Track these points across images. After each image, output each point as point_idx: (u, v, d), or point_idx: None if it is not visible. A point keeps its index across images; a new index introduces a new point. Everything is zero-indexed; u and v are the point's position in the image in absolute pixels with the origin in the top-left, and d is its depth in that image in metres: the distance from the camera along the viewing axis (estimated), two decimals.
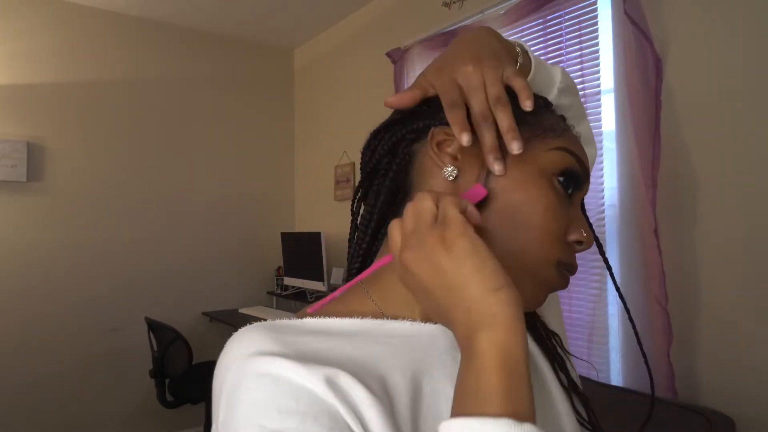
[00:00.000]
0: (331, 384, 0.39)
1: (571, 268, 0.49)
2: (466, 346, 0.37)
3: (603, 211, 1.76)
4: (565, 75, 0.55)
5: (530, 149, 0.47)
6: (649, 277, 1.58)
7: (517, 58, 0.51)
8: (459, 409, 0.36)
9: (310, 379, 0.39)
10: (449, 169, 0.47)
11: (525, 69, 0.51)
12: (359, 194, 0.56)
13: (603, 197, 1.76)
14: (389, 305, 0.49)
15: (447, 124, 0.48)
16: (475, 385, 0.35)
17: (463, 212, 0.41)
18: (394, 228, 0.43)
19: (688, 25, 1.57)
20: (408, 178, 0.51)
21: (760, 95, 1.42)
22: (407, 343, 0.46)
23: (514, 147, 0.44)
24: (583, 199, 0.54)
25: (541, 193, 0.46)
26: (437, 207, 0.41)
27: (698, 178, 1.54)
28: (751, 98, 1.44)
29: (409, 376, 0.44)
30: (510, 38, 0.54)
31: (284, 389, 0.38)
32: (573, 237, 0.48)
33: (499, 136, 0.45)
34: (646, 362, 0.56)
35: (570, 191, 0.48)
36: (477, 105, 0.45)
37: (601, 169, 1.75)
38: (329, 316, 0.47)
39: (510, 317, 0.36)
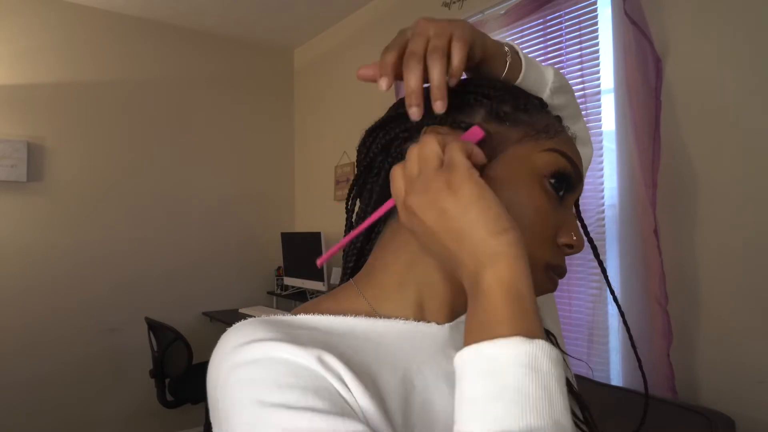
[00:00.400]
0: (323, 362, 0.39)
1: (560, 271, 0.48)
2: (472, 286, 0.38)
3: (603, 211, 1.76)
4: (558, 74, 0.54)
5: (522, 150, 0.47)
6: (649, 277, 1.58)
7: (506, 57, 0.50)
8: (471, 340, 0.36)
9: (306, 357, 0.39)
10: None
11: (515, 69, 0.51)
12: (353, 192, 0.55)
13: (603, 197, 1.76)
14: (382, 304, 0.49)
15: (444, 124, 0.48)
16: (483, 317, 0.36)
17: (469, 156, 0.41)
18: (397, 173, 0.43)
19: (688, 25, 1.57)
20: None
21: (760, 95, 1.42)
22: (399, 342, 0.46)
23: (438, 106, 0.43)
24: (577, 202, 0.54)
25: (532, 193, 0.46)
26: (443, 151, 0.41)
27: (698, 178, 1.54)
28: (751, 98, 1.44)
29: (401, 375, 0.43)
30: (507, 39, 0.54)
31: (282, 368, 0.38)
32: (563, 240, 0.47)
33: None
34: (640, 366, 0.55)
35: (561, 193, 0.48)
36: (412, 45, 0.44)
37: (601, 169, 1.75)
38: (322, 314, 0.47)
39: (514, 256, 0.37)
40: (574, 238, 0.47)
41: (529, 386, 0.33)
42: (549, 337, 0.58)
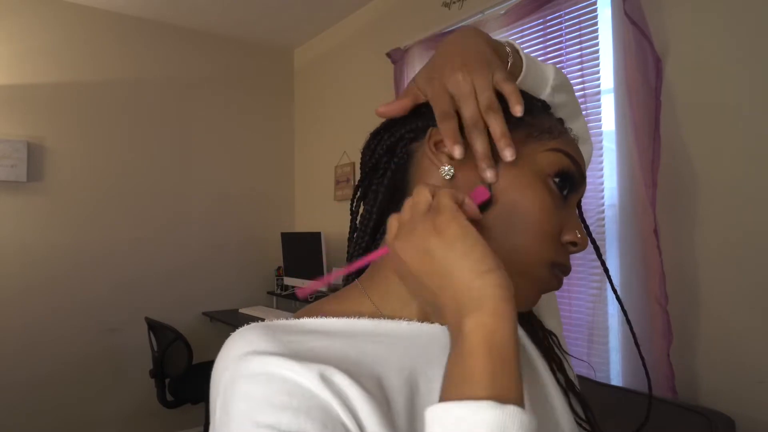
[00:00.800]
0: (326, 380, 0.39)
1: (565, 269, 0.49)
2: (454, 331, 0.38)
3: (603, 211, 1.76)
4: (558, 72, 0.55)
5: (526, 150, 0.47)
6: (649, 277, 1.58)
7: (507, 58, 0.51)
8: (444, 394, 0.36)
9: (304, 375, 0.39)
10: (446, 168, 0.48)
11: (516, 68, 0.51)
12: (358, 194, 0.56)
13: (603, 197, 1.76)
14: (386, 305, 0.49)
15: None
16: (461, 369, 0.36)
17: (460, 204, 0.41)
18: (392, 221, 0.44)
19: (688, 25, 1.57)
20: (406, 178, 0.52)
21: (760, 95, 1.42)
22: (404, 343, 0.46)
23: (507, 154, 0.44)
24: (580, 201, 0.54)
25: (536, 193, 0.46)
26: (433, 198, 0.42)
27: (698, 178, 1.54)
28: (751, 98, 1.44)
29: (405, 376, 0.44)
30: (505, 38, 0.54)
31: (277, 386, 0.38)
32: (567, 238, 0.48)
33: (492, 143, 0.45)
34: (643, 364, 0.56)
35: (565, 192, 0.48)
36: (468, 113, 0.45)
37: (601, 169, 1.75)
38: (326, 316, 0.47)
39: (497, 299, 0.36)
40: (579, 236, 0.48)
41: None
42: (550, 337, 0.58)
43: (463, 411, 0.33)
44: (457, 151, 0.44)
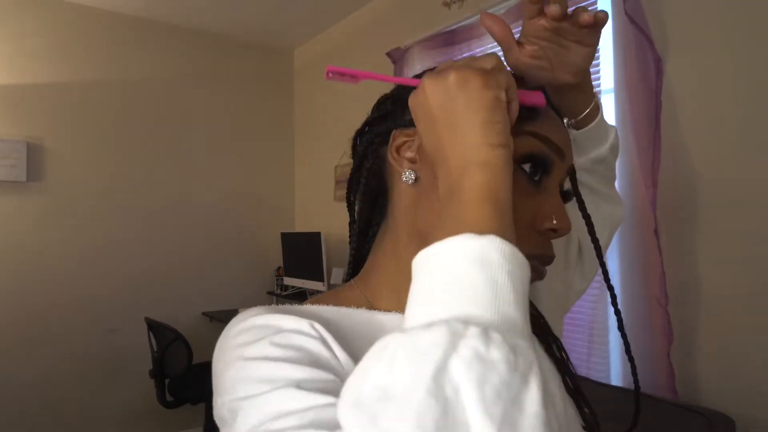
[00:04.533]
0: (314, 328, 0.41)
1: (545, 260, 0.47)
2: (450, 186, 0.38)
3: None
4: (617, 136, 0.62)
5: None
6: (649, 277, 1.58)
7: (592, 99, 0.57)
8: (437, 238, 0.35)
9: (296, 322, 0.41)
10: (407, 173, 0.48)
11: (590, 117, 0.57)
12: (351, 197, 0.57)
13: None
14: (380, 300, 0.50)
15: (408, 125, 0.49)
16: (455, 213, 0.36)
17: (507, 91, 0.41)
18: (448, 62, 0.43)
19: (688, 25, 1.57)
20: (382, 181, 0.52)
21: (760, 95, 1.42)
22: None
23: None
24: (575, 174, 0.53)
25: None
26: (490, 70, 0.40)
27: (698, 178, 1.54)
28: (751, 98, 1.44)
29: None
30: None
31: (270, 330, 0.41)
32: (544, 225, 0.46)
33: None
34: (632, 363, 0.55)
35: (537, 178, 0.46)
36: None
37: None
38: (325, 305, 0.48)
39: (500, 168, 0.37)
40: (555, 221, 0.46)
41: (473, 278, 0.31)
42: (555, 343, 0.57)
43: (443, 246, 0.33)
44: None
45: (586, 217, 0.55)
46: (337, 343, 0.41)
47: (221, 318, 3.00)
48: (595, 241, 0.55)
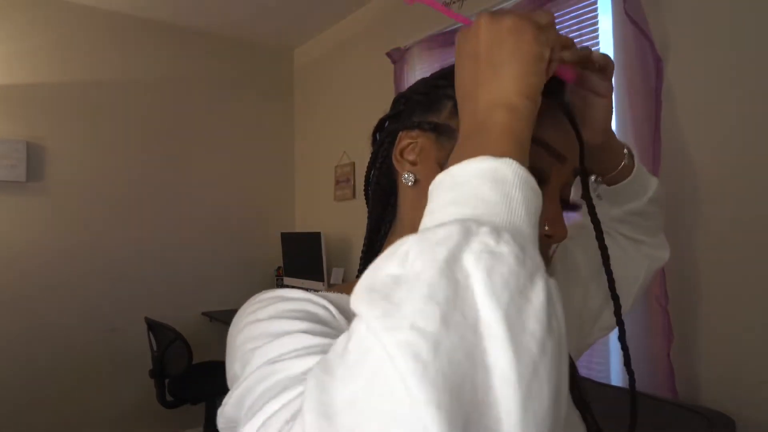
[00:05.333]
0: (322, 301, 0.43)
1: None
2: (474, 122, 0.39)
3: None
4: (660, 187, 0.63)
5: None
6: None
7: (622, 157, 0.59)
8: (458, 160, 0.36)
9: (308, 296, 0.43)
10: (406, 175, 0.49)
11: (626, 169, 0.58)
12: (368, 192, 0.58)
13: None
14: None
15: (413, 128, 0.49)
16: (476, 144, 0.36)
17: (555, 50, 0.42)
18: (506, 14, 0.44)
19: (688, 25, 1.57)
20: (392, 181, 0.53)
21: (760, 95, 1.42)
22: None
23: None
24: (587, 183, 0.52)
25: None
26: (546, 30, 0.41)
27: (698, 178, 1.54)
28: (751, 97, 1.44)
29: None
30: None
31: (281, 301, 0.43)
32: (539, 233, 0.46)
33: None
34: (628, 363, 0.54)
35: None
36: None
37: None
38: (335, 293, 0.50)
39: (525, 115, 0.38)
40: (547, 228, 0.46)
41: (486, 193, 0.32)
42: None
43: (460, 167, 0.34)
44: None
45: (595, 222, 0.53)
46: (342, 316, 0.42)
47: (221, 318, 3.00)
48: (603, 248, 0.54)
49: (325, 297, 0.46)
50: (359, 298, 0.29)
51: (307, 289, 0.50)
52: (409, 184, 0.49)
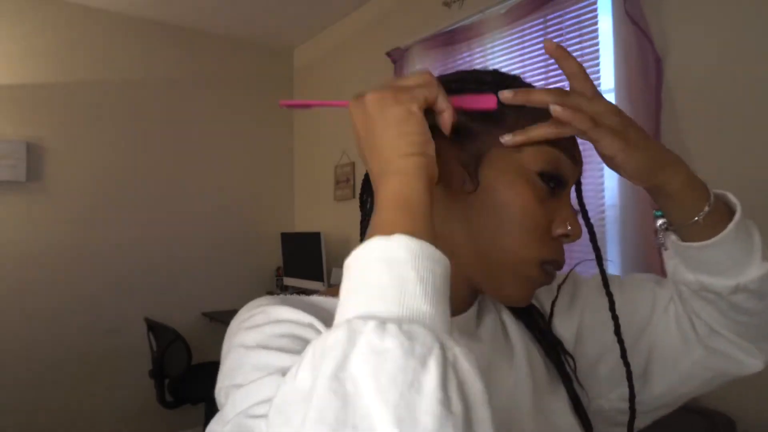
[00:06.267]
0: (313, 322, 0.43)
1: (557, 265, 0.48)
2: (376, 197, 0.40)
3: (603, 211, 1.75)
4: (766, 280, 0.46)
5: (508, 148, 0.47)
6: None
7: (706, 201, 0.49)
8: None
9: (298, 315, 0.43)
10: None
11: (711, 227, 0.47)
12: (363, 196, 0.58)
13: (603, 197, 1.76)
14: None
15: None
16: (374, 220, 0.38)
17: (432, 103, 0.43)
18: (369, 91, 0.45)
19: (688, 24, 1.57)
20: None
21: (760, 95, 1.42)
22: None
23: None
24: (579, 185, 0.54)
25: (516, 193, 0.46)
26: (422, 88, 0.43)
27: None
28: (751, 97, 1.44)
29: None
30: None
31: (273, 323, 0.43)
32: (558, 231, 0.47)
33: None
34: (626, 364, 0.52)
35: (552, 185, 0.47)
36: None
37: (601, 169, 1.75)
38: (332, 297, 0.50)
39: (412, 175, 0.39)
40: (569, 227, 0.47)
41: (381, 277, 0.32)
42: (568, 361, 0.57)
43: (357, 252, 0.35)
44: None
45: (582, 206, 0.54)
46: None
47: (221, 318, 3.00)
48: (589, 226, 0.54)
49: (319, 306, 0.47)
50: (271, 418, 0.31)
51: (304, 290, 0.50)
52: None
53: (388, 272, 0.32)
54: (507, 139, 0.46)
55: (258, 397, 0.37)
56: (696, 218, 0.48)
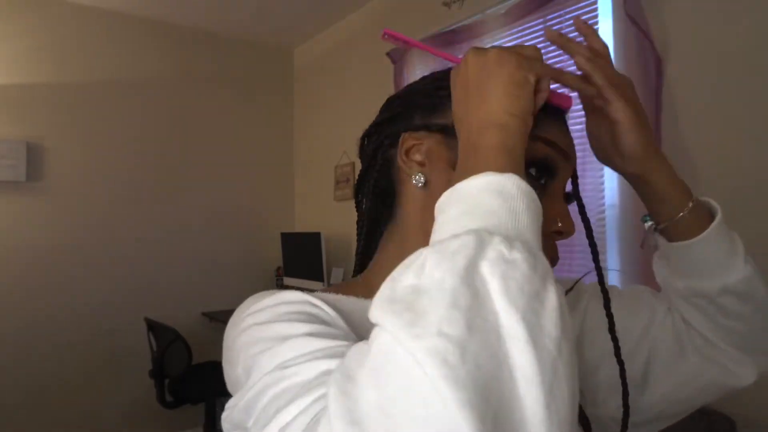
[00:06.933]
0: (318, 302, 0.44)
1: (551, 262, 0.48)
2: (469, 144, 0.41)
3: (603, 211, 1.75)
4: (756, 280, 0.51)
5: None
6: (649, 277, 1.57)
7: (684, 202, 0.52)
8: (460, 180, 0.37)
9: (302, 296, 0.44)
10: (417, 176, 0.49)
11: (694, 226, 0.51)
12: (359, 196, 0.58)
13: (603, 197, 1.76)
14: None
15: (417, 128, 0.49)
16: (473, 164, 0.38)
17: (538, 79, 0.43)
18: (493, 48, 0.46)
19: (688, 25, 1.57)
20: (390, 182, 0.53)
21: (760, 95, 1.42)
22: None
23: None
24: (576, 177, 0.53)
25: None
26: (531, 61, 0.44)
27: (698, 178, 1.54)
28: (751, 98, 1.44)
29: None
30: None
31: (283, 304, 0.43)
32: (551, 228, 0.47)
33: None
34: (620, 362, 0.52)
35: (543, 182, 0.48)
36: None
37: (602, 169, 1.75)
38: (333, 293, 0.51)
39: (516, 132, 0.40)
40: (560, 224, 0.47)
41: (493, 205, 0.34)
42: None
43: (466, 183, 0.36)
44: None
45: (579, 201, 0.54)
46: (338, 316, 0.43)
47: (221, 318, 3.00)
48: (593, 246, 0.54)
49: (322, 297, 0.47)
50: (381, 309, 0.29)
51: (303, 290, 0.50)
52: (419, 185, 0.49)
53: (502, 202, 0.34)
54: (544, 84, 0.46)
55: (289, 354, 0.37)
56: (681, 213, 0.51)
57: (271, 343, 0.39)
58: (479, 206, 0.34)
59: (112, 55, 3.04)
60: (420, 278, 0.30)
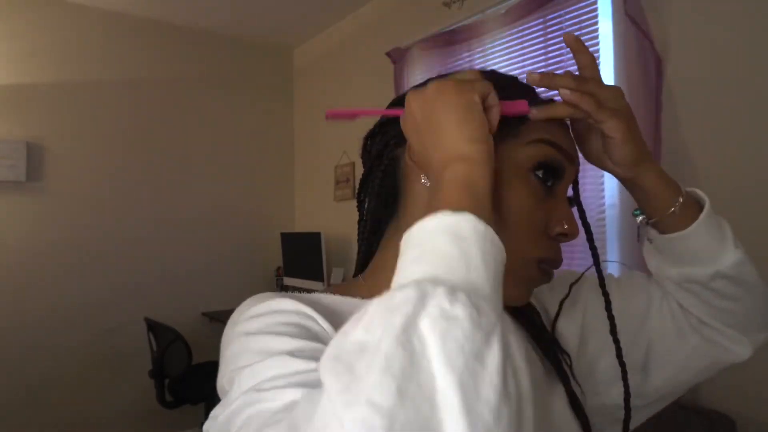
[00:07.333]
0: (312, 313, 0.44)
1: (554, 264, 0.49)
2: (435, 183, 0.41)
3: (603, 211, 1.75)
4: (745, 265, 0.53)
5: (504, 147, 0.47)
6: (648, 273, 1.57)
7: (674, 198, 0.52)
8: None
9: (299, 306, 0.44)
10: (425, 175, 0.49)
11: (685, 218, 0.51)
12: (361, 196, 0.58)
13: (603, 197, 1.76)
14: (377, 293, 0.51)
15: None
16: (436, 203, 0.38)
17: (484, 98, 0.43)
18: (429, 82, 0.46)
19: (688, 25, 1.57)
20: (395, 182, 0.53)
21: (760, 95, 1.42)
22: None
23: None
24: (576, 185, 0.54)
25: (513, 192, 0.46)
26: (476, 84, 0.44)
27: (698, 178, 1.54)
28: (751, 97, 1.44)
29: None
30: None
31: (276, 314, 0.44)
32: (555, 230, 0.48)
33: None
34: (622, 364, 0.53)
35: (550, 184, 0.48)
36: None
37: None
38: (331, 294, 0.51)
39: (479, 161, 0.39)
40: (566, 226, 0.48)
41: (446, 249, 0.33)
42: (564, 359, 0.57)
43: (423, 223, 0.35)
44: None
45: (578, 205, 0.54)
46: (330, 326, 0.43)
47: (221, 318, 3.00)
48: (586, 225, 0.54)
49: (318, 301, 0.47)
50: (324, 367, 0.29)
51: (305, 290, 0.50)
52: (428, 184, 0.49)
53: (454, 245, 0.33)
54: (534, 113, 0.47)
55: (267, 374, 0.37)
56: (672, 209, 0.51)
57: (254, 358, 0.39)
58: (431, 251, 0.33)
59: (112, 55, 3.04)
60: (366, 334, 0.29)
